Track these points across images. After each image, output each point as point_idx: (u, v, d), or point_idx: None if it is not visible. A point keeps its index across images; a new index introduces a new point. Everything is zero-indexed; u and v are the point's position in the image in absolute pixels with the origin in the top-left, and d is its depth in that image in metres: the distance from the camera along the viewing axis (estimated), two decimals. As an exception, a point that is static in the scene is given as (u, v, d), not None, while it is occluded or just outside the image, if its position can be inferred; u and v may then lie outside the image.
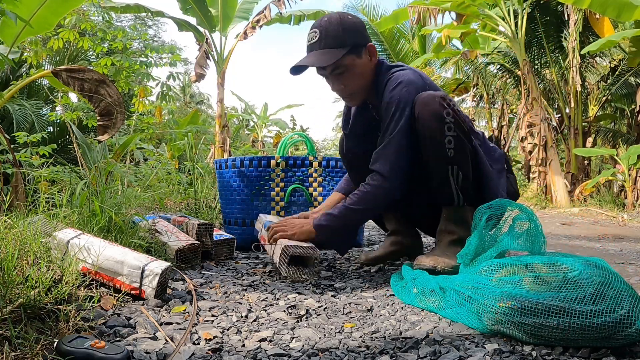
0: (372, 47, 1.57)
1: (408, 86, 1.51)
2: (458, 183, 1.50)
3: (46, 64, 8.50)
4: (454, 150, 1.46)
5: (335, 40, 1.49)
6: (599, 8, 6.12)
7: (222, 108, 8.07)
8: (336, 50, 1.49)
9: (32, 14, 2.99)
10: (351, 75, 1.55)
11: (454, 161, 1.47)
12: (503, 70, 10.30)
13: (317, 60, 1.50)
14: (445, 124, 1.45)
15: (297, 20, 8.04)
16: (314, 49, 1.52)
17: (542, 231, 1.31)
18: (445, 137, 1.45)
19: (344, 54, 1.49)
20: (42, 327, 0.97)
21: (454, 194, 1.51)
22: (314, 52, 1.52)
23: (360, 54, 1.54)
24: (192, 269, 1.74)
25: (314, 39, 1.51)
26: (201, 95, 26.16)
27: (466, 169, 1.51)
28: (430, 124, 1.46)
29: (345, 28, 1.50)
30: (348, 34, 1.50)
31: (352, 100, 1.65)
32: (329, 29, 1.50)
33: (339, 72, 1.54)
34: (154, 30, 17.85)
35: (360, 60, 1.54)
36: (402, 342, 1.01)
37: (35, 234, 1.29)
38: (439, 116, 1.44)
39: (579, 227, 4.04)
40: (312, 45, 1.52)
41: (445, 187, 1.51)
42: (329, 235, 1.60)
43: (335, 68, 1.53)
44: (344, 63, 1.51)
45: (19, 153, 3.18)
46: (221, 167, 2.43)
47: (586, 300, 0.96)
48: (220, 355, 0.94)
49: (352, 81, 1.56)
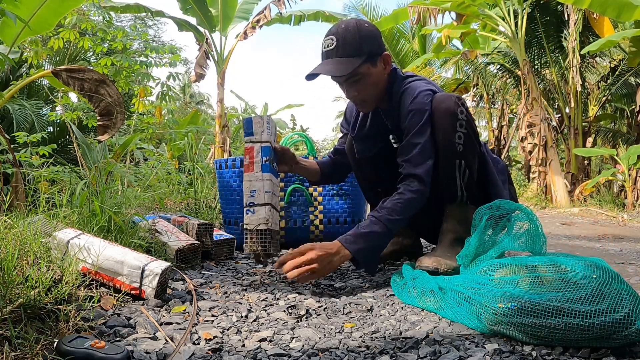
0: (387, 56, 1.58)
1: (427, 95, 1.56)
2: (464, 180, 1.54)
3: (46, 64, 8.49)
4: (463, 146, 1.51)
5: (352, 49, 1.49)
6: (599, 8, 6.12)
7: (222, 108, 8.07)
8: (353, 59, 1.49)
9: (32, 14, 2.99)
10: (365, 84, 1.55)
11: (462, 156, 1.52)
12: (503, 70, 10.30)
13: (335, 69, 1.49)
14: (457, 121, 1.50)
15: (297, 20, 8.04)
16: (330, 57, 1.51)
17: (543, 231, 1.31)
18: (456, 133, 1.50)
19: (360, 63, 1.49)
20: (42, 327, 0.97)
21: (458, 190, 1.55)
22: (330, 59, 1.51)
23: (376, 63, 1.55)
24: (192, 269, 1.74)
25: (331, 47, 1.50)
26: (201, 95, 26.16)
27: (472, 167, 1.55)
28: (443, 119, 1.51)
29: (362, 36, 1.49)
30: (365, 43, 1.50)
31: (365, 107, 1.65)
32: (346, 37, 1.49)
33: (354, 80, 1.54)
34: (154, 31, 17.86)
35: (375, 69, 1.55)
36: (402, 342, 1.01)
37: (35, 234, 1.29)
38: (453, 113, 1.50)
39: (579, 227, 4.05)
40: (329, 52, 1.51)
41: (451, 182, 1.54)
42: (366, 257, 1.46)
43: (351, 76, 1.53)
44: (359, 72, 1.51)
45: (19, 153, 3.18)
46: (221, 167, 2.43)
47: (586, 301, 0.96)
48: (220, 355, 0.94)
49: (366, 89, 1.57)
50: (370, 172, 1.80)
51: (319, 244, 1.43)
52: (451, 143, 1.51)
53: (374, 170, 1.78)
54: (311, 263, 1.37)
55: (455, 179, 1.54)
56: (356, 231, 1.44)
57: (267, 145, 1.59)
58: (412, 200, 1.48)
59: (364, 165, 1.81)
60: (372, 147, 1.73)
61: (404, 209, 1.47)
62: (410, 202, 1.48)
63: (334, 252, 1.41)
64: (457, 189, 1.55)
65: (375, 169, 1.77)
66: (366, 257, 1.47)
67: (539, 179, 7.90)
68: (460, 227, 1.56)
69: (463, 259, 1.33)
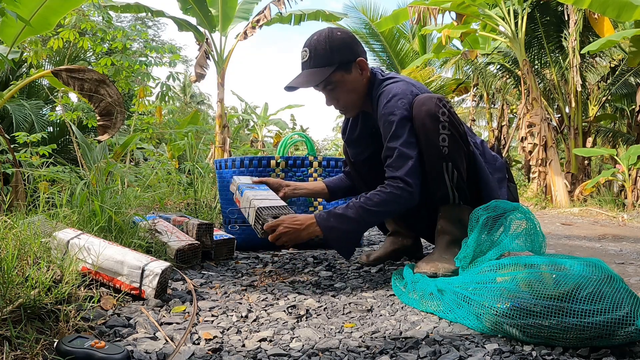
0: (362, 61, 1.60)
1: (402, 98, 1.53)
2: (453, 181, 1.52)
3: (46, 64, 8.49)
4: (448, 148, 1.49)
5: (322, 59, 1.54)
6: (599, 8, 6.12)
7: (222, 108, 8.07)
8: (324, 69, 1.54)
9: (32, 14, 2.99)
10: (342, 91, 1.60)
11: (448, 158, 1.49)
12: (503, 70, 10.30)
13: (306, 80, 1.55)
14: (440, 123, 1.48)
15: (297, 20, 8.03)
16: (304, 68, 1.58)
17: (541, 230, 1.31)
18: (439, 135, 1.48)
19: (332, 72, 1.54)
20: (42, 327, 0.97)
21: (449, 192, 1.53)
22: (304, 71, 1.58)
23: (350, 70, 1.58)
24: (192, 269, 1.74)
25: (305, 58, 1.58)
26: (201, 95, 26.16)
27: (460, 168, 1.52)
28: (425, 122, 1.48)
29: (333, 46, 1.54)
30: (335, 52, 1.54)
31: (347, 112, 1.70)
32: (317, 48, 1.55)
33: (330, 88, 1.60)
34: (153, 31, 17.86)
35: (350, 76, 1.58)
36: (402, 342, 1.01)
37: (35, 234, 1.29)
38: (434, 115, 1.48)
39: (579, 227, 4.05)
40: (303, 64, 1.59)
41: (441, 184, 1.52)
42: (338, 238, 1.51)
43: (326, 85, 1.58)
44: (333, 80, 1.57)
45: (19, 153, 3.18)
46: (221, 167, 2.43)
47: (585, 300, 0.96)
48: (220, 355, 0.94)
49: (343, 96, 1.61)
50: (366, 175, 1.80)
51: (290, 217, 1.50)
52: (435, 146, 1.48)
53: (371, 173, 1.77)
54: (280, 237, 1.49)
55: (445, 181, 1.51)
56: (331, 210, 1.50)
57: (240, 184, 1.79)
58: (393, 196, 1.46)
59: (360, 167, 1.82)
60: (364, 150, 1.76)
61: (381, 202, 1.46)
62: (392, 197, 1.46)
63: (302, 229, 1.48)
64: (447, 190, 1.52)
65: (371, 171, 1.77)
66: (338, 238, 1.50)
67: (539, 179, 7.89)
68: (455, 229, 1.55)
69: (461, 261, 1.33)
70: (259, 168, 2.30)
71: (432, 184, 1.54)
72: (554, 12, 8.44)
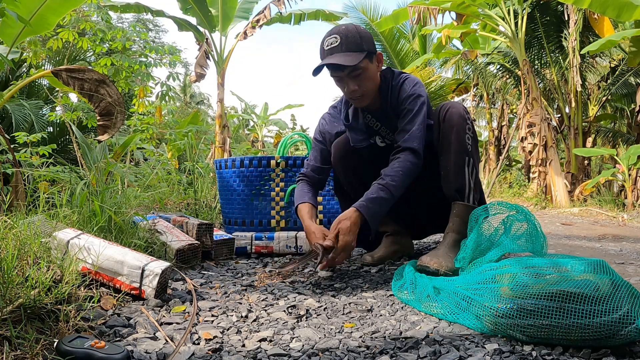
0: (381, 55, 1.73)
1: (422, 87, 1.75)
2: (472, 176, 1.67)
3: (46, 64, 8.49)
4: (471, 146, 1.68)
5: (354, 45, 1.62)
6: (599, 8, 6.12)
7: (222, 108, 8.06)
8: (357, 54, 1.61)
9: (32, 14, 2.99)
10: (365, 78, 1.67)
11: (471, 154, 1.67)
12: (503, 70, 10.30)
13: (344, 60, 1.60)
14: (467, 124, 1.68)
15: (297, 19, 8.02)
16: (335, 52, 1.62)
17: (542, 230, 1.31)
18: (466, 134, 1.67)
19: (362, 58, 1.61)
20: (42, 327, 0.97)
21: (466, 184, 1.66)
22: (336, 54, 1.62)
23: (372, 60, 1.68)
24: (192, 269, 1.74)
25: (335, 44, 1.63)
26: (201, 95, 26.17)
27: (478, 166, 1.69)
28: (457, 119, 1.67)
29: (362, 36, 1.65)
30: (364, 41, 1.64)
31: (362, 101, 1.74)
32: (348, 36, 1.63)
33: (356, 74, 1.65)
34: (154, 33, 17.86)
35: (372, 65, 1.68)
36: (402, 342, 1.01)
37: (35, 234, 1.29)
38: (463, 116, 1.69)
39: (579, 227, 4.04)
40: (334, 49, 1.63)
41: (460, 177, 1.66)
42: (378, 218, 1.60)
43: (353, 70, 1.64)
44: (361, 66, 1.63)
45: (18, 153, 3.18)
46: (221, 167, 2.43)
47: (585, 300, 0.95)
48: (220, 355, 0.94)
49: (365, 83, 1.68)
50: (359, 166, 1.86)
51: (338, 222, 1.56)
52: (463, 140, 1.66)
53: (363, 165, 1.85)
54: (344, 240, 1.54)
55: (465, 174, 1.66)
56: (367, 197, 1.59)
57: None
58: (409, 169, 1.62)
59: (355, 156, 1.84)
60: (364, 141, 1.82)
61: (404, 176, 1.61)
62: (409, 171, 1.62)
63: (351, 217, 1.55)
64: (465, 183, 1.65)
65: (364, 162, 1.85)
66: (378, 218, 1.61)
67: (539, 179, 7.89)
68: (465, 228, 1.58)
69: (460, 261, 1.33)
70: (259, 168, 2.30)
71: (452, 176, 1.67)
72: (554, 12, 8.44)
